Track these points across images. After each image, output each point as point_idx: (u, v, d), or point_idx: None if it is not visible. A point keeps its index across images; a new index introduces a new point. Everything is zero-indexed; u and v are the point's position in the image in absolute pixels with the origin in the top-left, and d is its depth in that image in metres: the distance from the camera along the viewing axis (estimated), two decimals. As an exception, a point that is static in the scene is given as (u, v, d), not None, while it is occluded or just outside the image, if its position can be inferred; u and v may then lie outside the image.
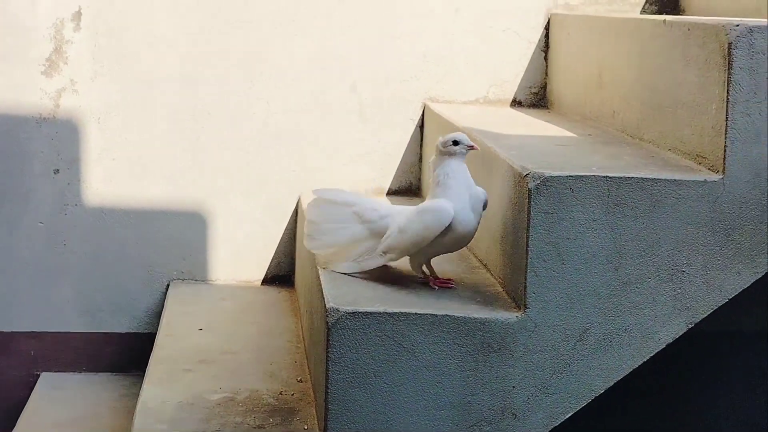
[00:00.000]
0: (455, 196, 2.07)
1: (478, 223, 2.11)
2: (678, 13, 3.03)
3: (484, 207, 2.11)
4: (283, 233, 2.99)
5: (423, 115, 3.01)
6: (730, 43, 1.97)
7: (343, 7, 2.96)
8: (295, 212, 2.98)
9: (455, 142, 2.09)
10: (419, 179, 3.03)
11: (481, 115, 2.85)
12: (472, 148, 2.11)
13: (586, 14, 2.81)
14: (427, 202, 2.12)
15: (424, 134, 3.00)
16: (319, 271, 2.21)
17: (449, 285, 2.13)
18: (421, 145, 3.02)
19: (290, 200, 2.98)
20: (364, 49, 2.97)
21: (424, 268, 2.16)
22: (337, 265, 2.21)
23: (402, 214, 2.15)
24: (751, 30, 1.96)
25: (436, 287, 2.12)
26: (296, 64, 2.96)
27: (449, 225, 2.06)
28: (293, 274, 3.00)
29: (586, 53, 2.74)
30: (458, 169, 2.09)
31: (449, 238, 2.08)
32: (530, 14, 3.00)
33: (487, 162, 2.26)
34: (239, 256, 2.98)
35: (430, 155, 2.90)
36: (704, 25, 2.06)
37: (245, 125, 2.95)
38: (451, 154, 2.09)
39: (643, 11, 3.04)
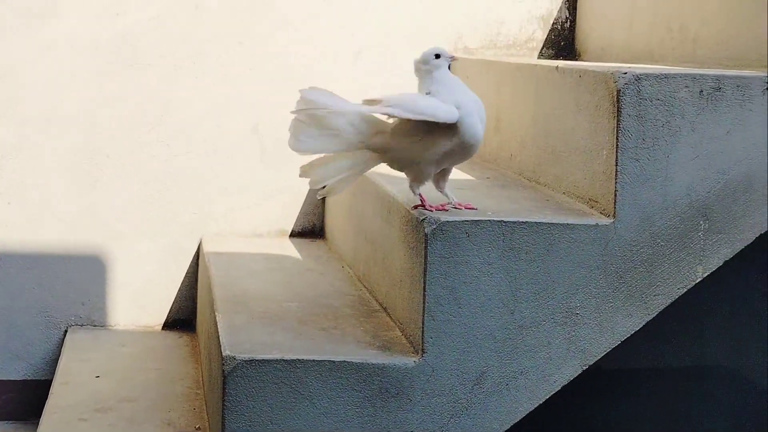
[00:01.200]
0: (457, 101, 1.98)
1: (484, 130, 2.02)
2: (574, 58, 3.10)
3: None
4: (185, 277, 2.95)
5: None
6: (618, 90, 2.02)
7: (244, 48, 2.95)
8: (197, 255, 2.95)
9: (437, 56, 2.03)
10: (322, 221, 3.03)
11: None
12: (453, 58, 2.06)
13: (485, 58, 2.86)
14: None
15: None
16: (217, 317, 2.19)
17: (445, 208, 2.05)
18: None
19: (191, 243, 2.95)
20: (267, 91, 2.97)
21: (421, 190, 2.05)
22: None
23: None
24: (638, 78, 2.01)
25: (433, 209, 2.03)
26: (197, 106, 2.94)
27: (456, 130, 1.97)
28: (194, 318, 2.96)
29: (485, 97, 2.77)
30: (451, 79, 2.03)
31: (456, 145, 1.99)
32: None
33: (386, 204, 2.27)
34: (139, 301, 2.94)
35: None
36: (594, 73, 2.11)
37: (145, 167, 2.92)
38: (436, 68, 2.03)
39: (541, 55, 3.10)
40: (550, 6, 3.09)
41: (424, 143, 2.02)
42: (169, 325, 2.96)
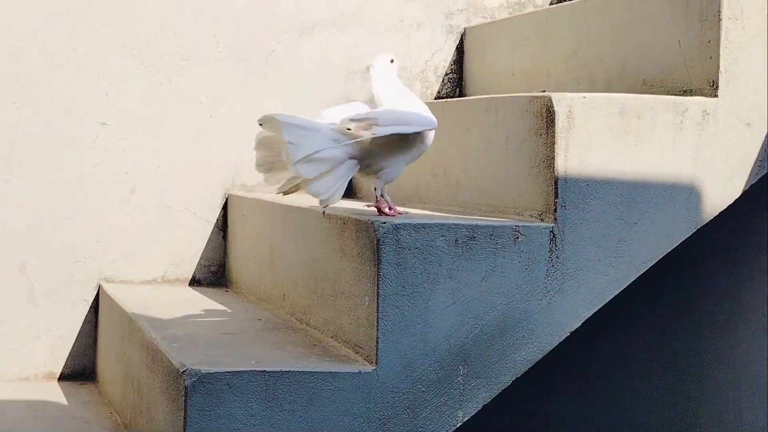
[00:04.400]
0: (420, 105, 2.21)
1: None
2: (350, 197, 3.15)
3: None
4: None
5: (98, 296, 2.93)
6: (378, 239, 2.06)
7: (10, 187, 2.86)
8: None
9: (391, 60, 2.26)
10: (94, 362, 2.93)
11: (157, 297, 2.81)
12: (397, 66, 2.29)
13: (261, 197, 2.87)
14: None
15: (99, 316, 2.91)
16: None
17: (404, 213, 2.22)
18: (95, 327, 2.93)
19: (-50, 390, 2.78)
20: (35, 228, 2.87)
21: (386, 194, 2.19)
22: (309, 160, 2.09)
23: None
24: (397, 227, 2.07)
25: (394, 213, 2.18)
26: (-40, 245, 2.82)
27: (424, 134, 2.16)
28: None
29: (260, 235, 2.79)
30: (405, 88, 2.25)
31: (419, 148, 2.18)
32: (207, 194, 3.03)
33: (151, 352, 2.21)
34: None
35: (107, 336, 2.82)
36: (356, 221, 2.15)
37: None
38: (390, 72, 2.25)
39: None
40: (327, 144, 3.15)
41: (400, 148, 2.17)
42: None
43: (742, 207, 2.31)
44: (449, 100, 2.79)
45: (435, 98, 3.23)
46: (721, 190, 2.26)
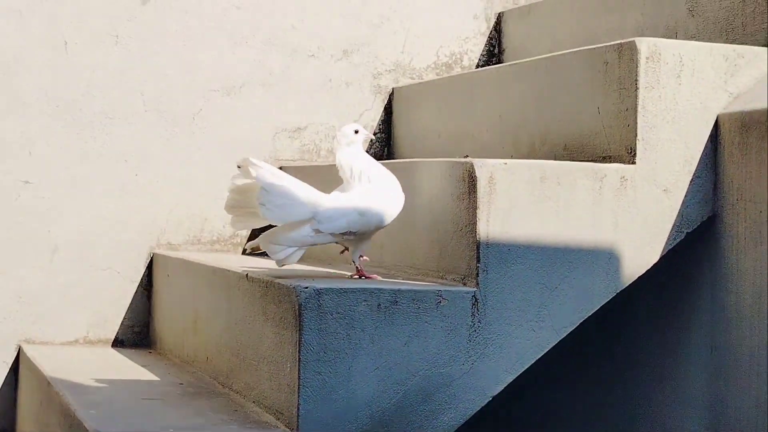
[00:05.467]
0: (391, 182, 2.26)
1: None
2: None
3: None
4: None
5: (18, 358, 2.87)
6: (300, 305, 2.05)
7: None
8: None
9: (356, 131, 2.29)
10: (14, 427, 2.86)
11: (78, 359, 2.76)
12: (369, 135, 2.39)
13: (187, 257, 2.85)
14: (384, 191, 2.23)
15: (20, 378, 2.85)
16: None
17: (376, 277, 2.27)
18: (15, 389, 2.86)
19: None
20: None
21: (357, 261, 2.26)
22: (276, 242, 2.17)
23: (352, 200, 2.21)
24: (319, 292, 2.06)
25: (366, 278, 2.24)
26: None
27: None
28: None
29: (185, 296, 2.76)
30: (369, 157, 2.29)
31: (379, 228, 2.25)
32: (132, 253, 3.00)
33: (68, 420, 2.17)
34: None
35: (27, 400, 2.75)
36: (279, 285, 2.14)
37: None
38: (355, 143, 2.28)
39: (244, 251, 3.13)
40: (254, 203, 3.15)
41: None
42: None
43: (660, 271, 2.35)
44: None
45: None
46: (639, 255, 2.29)
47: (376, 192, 2.23)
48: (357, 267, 2.28)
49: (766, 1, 2.44)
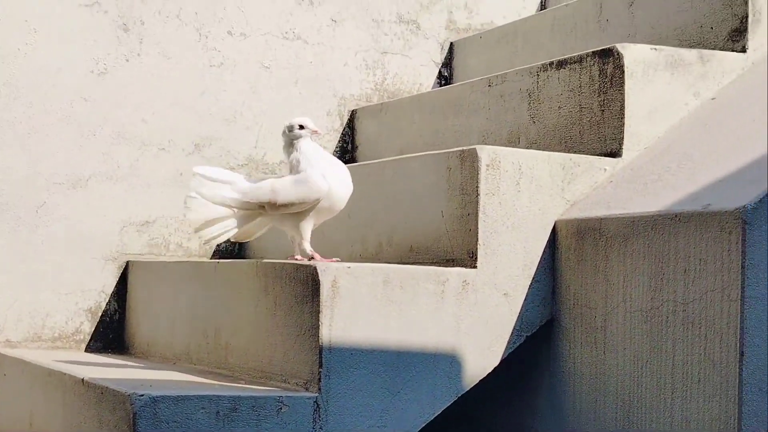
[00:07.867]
0: (323, 167, 2.31)
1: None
2: (123, 351, 3.05)
3: None
4: None
5: None
6: (135, 413, 1.99)
7: None
8: None
9: (301, 126, 2.34)
10: None
11: None
12: (316, 132, 2.36)
13: (24, 356, 2.74)
14: (302, 174, 2.31)
15: None
16: None
17: (335, 260, 2.30)
18: None
19: None
20: None
21: (307, 247, 2.32)
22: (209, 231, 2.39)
23: (279, 181, 2.33)
24: (155, 400, 2.01)
25: (323, 261, 2.25)
26: None
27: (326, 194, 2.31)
28: None
29: (20, 397, 2.65)
30: (313, 147, 2.35)
31: (325, 207, 2.33)
32: (-33, 352, 2.87)
33: None
34: None
35: None
36: (114, 392, 2.08)
37: None
38: (298, 138, 2.34)
39: (88, 348, 3.04)
40: (99, 299, 3.06)
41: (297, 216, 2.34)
42: None
43: (500, 374, 2.38)
44: (221, 261, 2.78)
45: (211, 256, 3.22)
46: (481, 358, 2.32)
47: (299, 175, 2.33)
48: (308, 252, 2.33)
49: (602, 111, 2.54)
